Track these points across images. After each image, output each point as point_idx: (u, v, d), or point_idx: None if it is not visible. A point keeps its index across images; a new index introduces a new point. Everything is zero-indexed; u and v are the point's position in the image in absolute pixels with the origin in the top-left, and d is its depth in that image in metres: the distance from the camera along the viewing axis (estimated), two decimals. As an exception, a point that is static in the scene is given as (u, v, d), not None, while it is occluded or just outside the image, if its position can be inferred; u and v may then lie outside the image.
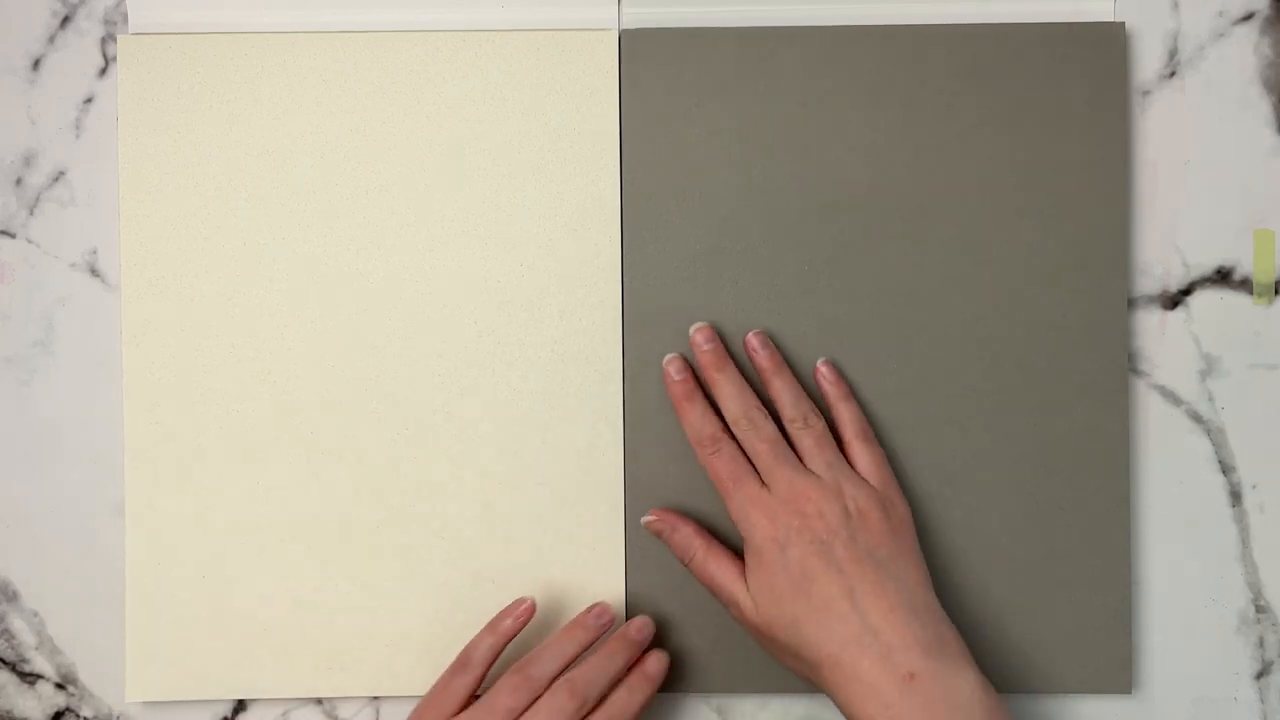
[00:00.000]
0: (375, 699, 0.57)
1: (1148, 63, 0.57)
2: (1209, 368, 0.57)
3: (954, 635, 0.50)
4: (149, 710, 0.57)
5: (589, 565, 0.56)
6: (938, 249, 0.56)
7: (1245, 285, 0.57)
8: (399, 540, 0.56)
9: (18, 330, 0.57)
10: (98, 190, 0.57)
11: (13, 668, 0.57)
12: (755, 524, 0.51)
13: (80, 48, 0.57)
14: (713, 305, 0.56)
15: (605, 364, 0.56)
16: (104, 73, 0.57)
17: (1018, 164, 0.56)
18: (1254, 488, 0.57)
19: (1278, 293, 0.57)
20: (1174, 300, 0.57)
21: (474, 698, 0.52)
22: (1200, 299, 0.57)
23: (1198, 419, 0.57)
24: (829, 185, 0.56)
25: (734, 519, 0.52)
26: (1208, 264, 0.57)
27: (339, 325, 0.56)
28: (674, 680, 0.56)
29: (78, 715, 0.57)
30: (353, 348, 0.56)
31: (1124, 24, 0.56)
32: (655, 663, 0.54)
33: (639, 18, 0.57)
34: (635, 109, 0.56)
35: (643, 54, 0.56)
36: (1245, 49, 0.57)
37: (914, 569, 0.51)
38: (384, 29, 0.56)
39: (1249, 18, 0.57)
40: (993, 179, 0.56)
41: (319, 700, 0.57)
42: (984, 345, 0.56)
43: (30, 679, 0.57)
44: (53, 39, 0.57)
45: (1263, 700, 0.57)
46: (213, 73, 0.56)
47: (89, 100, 0.57)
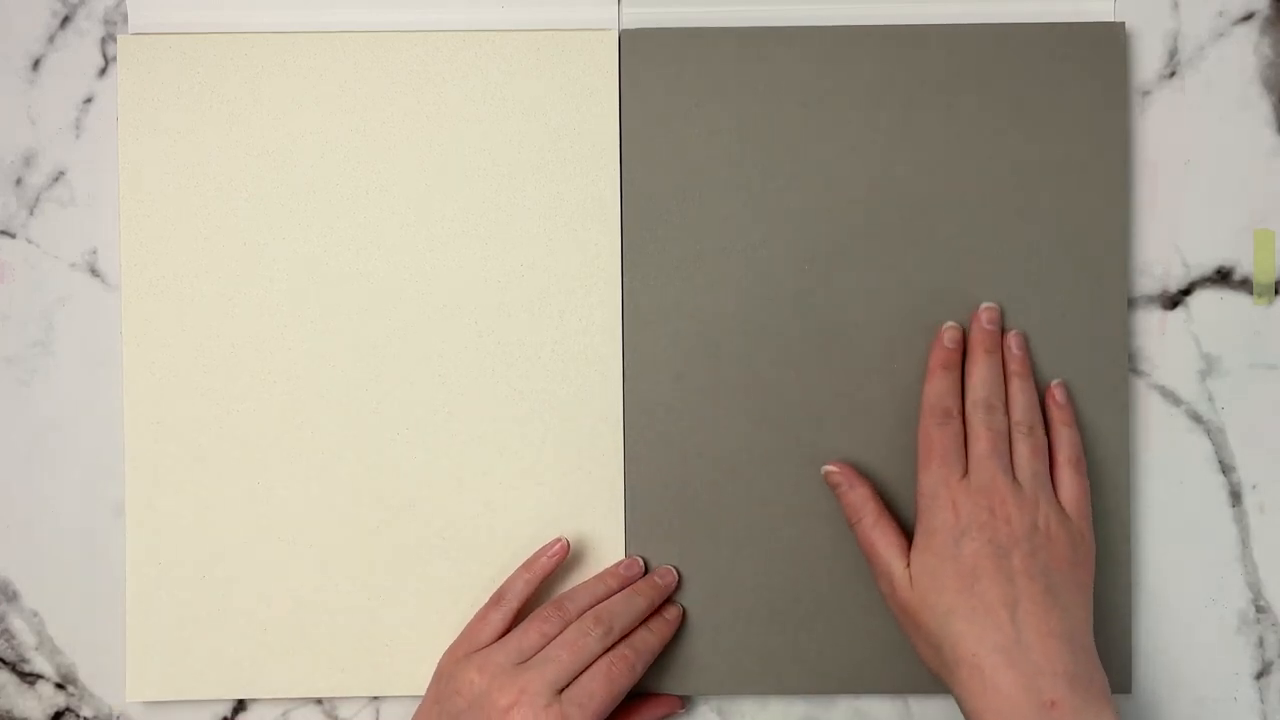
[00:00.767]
0: (375, 699, 0.57)
1: (1148, 63, 0.57)
2: (1209, 368, 0.57)
3: (1103, 679, 0.49)
4: (149, 710, 0.57)
5: (589, 565, 0.56)
6: (937, 249, 0.56)
7: (1245, 285, 0.57)
8: (399, 540, 0.56)
9: (18, 330, 0.57)
10: (98, 190, 0.57)
11: (13, 668, 0.57)
12: (941, 506, 0.51)
13: (80, 48, 0.57)
14: (713, 305, 0.56)
15: (605, 364, 0.56)
16: (104, 73, 0.57)
17: (1018, 164, 0.56)
18: (1254, 488, 0.57)
19: (1278, 293, 0.57)
20: (1174, 300, 0.57)
21: (507, 632, 0.53)
22: (1200, 299, 0.57)
23: (1198, 419, 0.57)
24: (829, 185, 0.56)
25: (920, 493, 0.52)
26: (1208, 264, 0.57)
27: (339, 325, 0.56)
28: (674, 681, 0.56)
29: (78, 715, 0.57)
30: (353, 347, 0.56)
31: (1124, 24, 0.56)
32: (674, 609, 0.55)
33: (639, 18, 0.57)
34: (635, 109, 0.56)
35: (643, 54, 0.56)
36: (1245, 49, 0.57)
37: (1082, 607, 0.50)
38: (384, 29, 0.56)
39: (1249, 18, 0.57)
40: (993, 179, 0.56)
41: (319, 700, 0.57)
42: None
43: (30, 679, 0.57)
44: (53, 39, 0.57)
45: (1263, 700, 0.57)
46: (213, 73, 0.56)
47: (89, 100, 0.57)
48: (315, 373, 0.56)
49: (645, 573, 0.56)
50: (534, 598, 0.55)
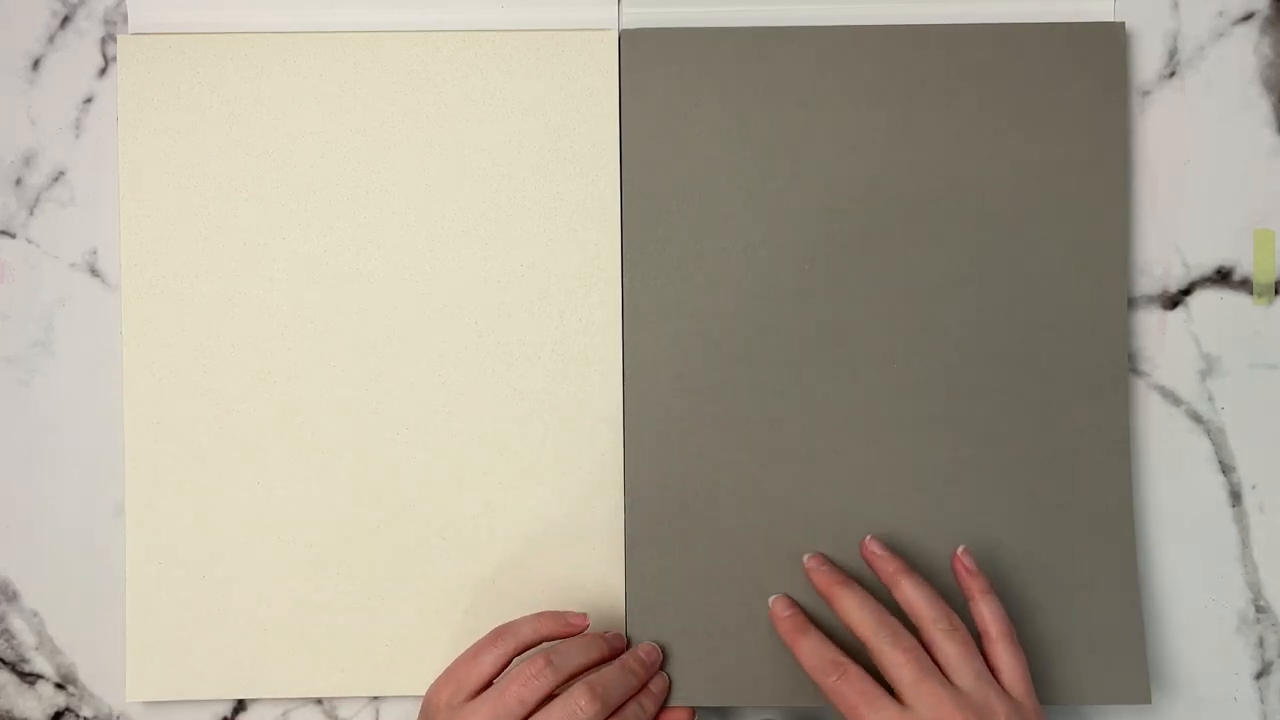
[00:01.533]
0: (375, 699, 0.57)
1: (1148, 63, 0.57)
2: (1209, 368, 0.57)
3: None
4: (149, 710, 0.57)
5: (589, 565, 0.56)
6: (937, 249, 0.56)
7: (1245, 285, 0.57)
8: (399, 540, 0.56)
9: (18, 330, 0.57)
10: (98, 190, 0.57)
11: (13, 668, 0.57)
12: None
13: (80, 48, 0.57)
14: (713, 305, 0.56)
15: (605, 364, 0.56)
16: (104, 73, 0.57)
17: (1018, 164, 0.56)
18: (1254, 488, 0.57)
19: (1278, 293, 0.57)
20: (1174, 300, 0.57)
21: (497, 674, 0.51)
22: (1200, 299, 0.57)
23: (1198, 419, 0.57)
24: (829, 185, 0.56)
25: None
26: (1208, 264, 0.57)
27: (339, 325, 0.56)
28: (674, 690, 0.55)
29: (78, 715, 0.57)
30: (353, 347, 0.56)
31: (1124, 24, 0.56)
32: (660, 683, 0.54)
33: (639, 18, 0.57)
34: (635, 109, 0.56)
35: (643, 54, 0.56)
36: (1245, 49, 0.57)
37: None
38: (384, 29, 0.56)
39: (1249, 18, 0.57)
40: (992, 179, 0.56)
41: (319, 700, 0.57)
42: (984, 345, 0.56)
43: (30, 679, 0.57)
44: (53, 39, 0.57)
45: (1263, 700, 0.57)
46: (213, 73, 0.56)
47: (89, 100, 0.57)
48: (315, 373, 0.56)
49: (626, 646, 0.54)
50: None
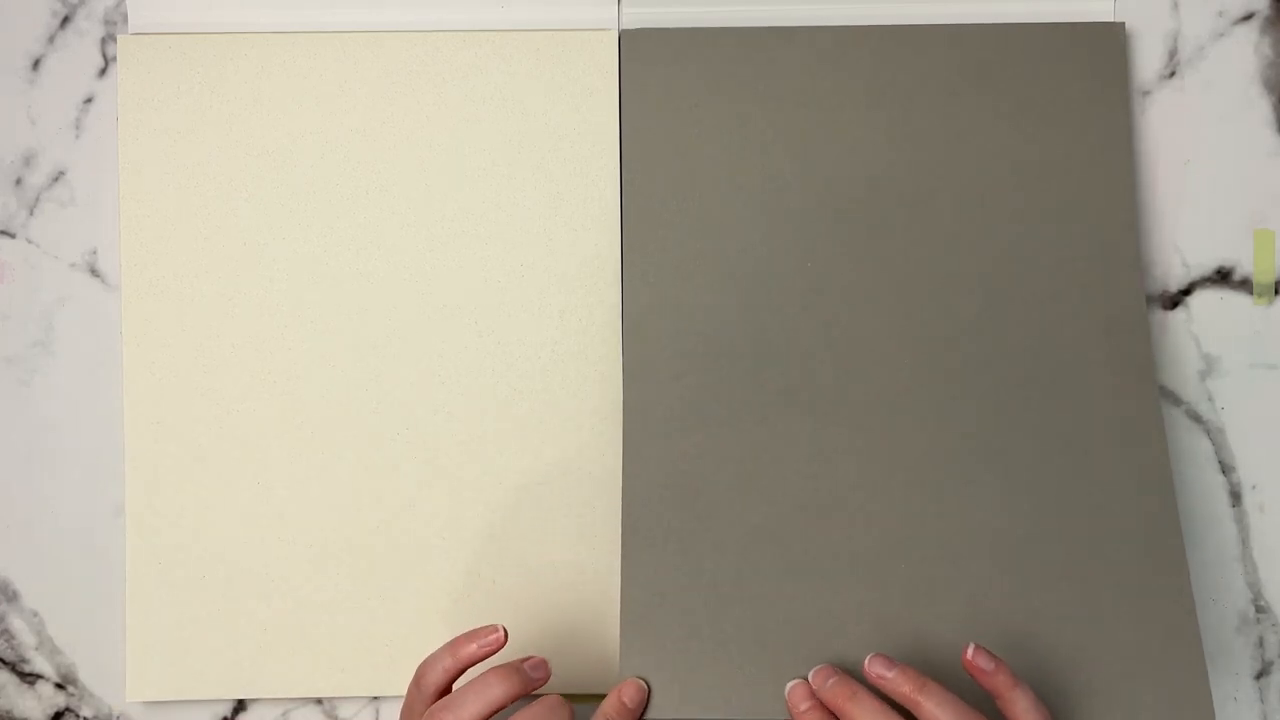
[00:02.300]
0: (375, 699, 0.57)
1: (1148, 63, 0.57)
2: (1209, 368, 0.57)
3: None
4: (149, 710, 0.57)
5: (589, 565, 0.56)
6: (938, 248, 0.56)
7: (1245, 285, 0.57)
8: (399, 540, 0.56)
9: (18, 330, 0.57)
10: (98, 190, 0.57)
11: (13, 668, 0.57)
12: None
13: (80, 48, 0.57)
14: (713, 305, 0.56)
15: (605, 364, 0.56)
16: (104, 73, 0.57)
17: (1018, 164, 0.56)
18: (1254, 488, 0.57)
19: (1278, 293, 0.57)
20: (1174, 300, 0.57)
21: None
22: (1200, 299, 0.57)
23: (1198, 419, 0.57)
24: (829, 185, 0.56)
25: None
26: (1208, 264, 0.57)
27: (339, 325, 0.56)
28: (663, 698, 0.55)
29: (78, 715, 0.57)
30: (353, 347, 0.56)
31: (1124, 24, 0.56)
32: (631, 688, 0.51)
33: (639, 18, 0.57)
34: (635, 109, 0.56)
35: (643, 54, 0.56)
36: (1245, 49, 0.57)
37: None
38: (384, 29, 0.56)
39: (1249, 18, 0.57)
40: (992, 179, 0.56)
41: (319, 700, 0.57)
42: (984, 344, 0.56)
43: (30, 679, 0.57)
44: (53, 39, 0.57)
45: (1263, 700, 0.57)
46: (213, 73, 0.56)
47: (89, 100, 0.57)
48: (315, 373, 0.56)
49: (548, 677, 0.50)
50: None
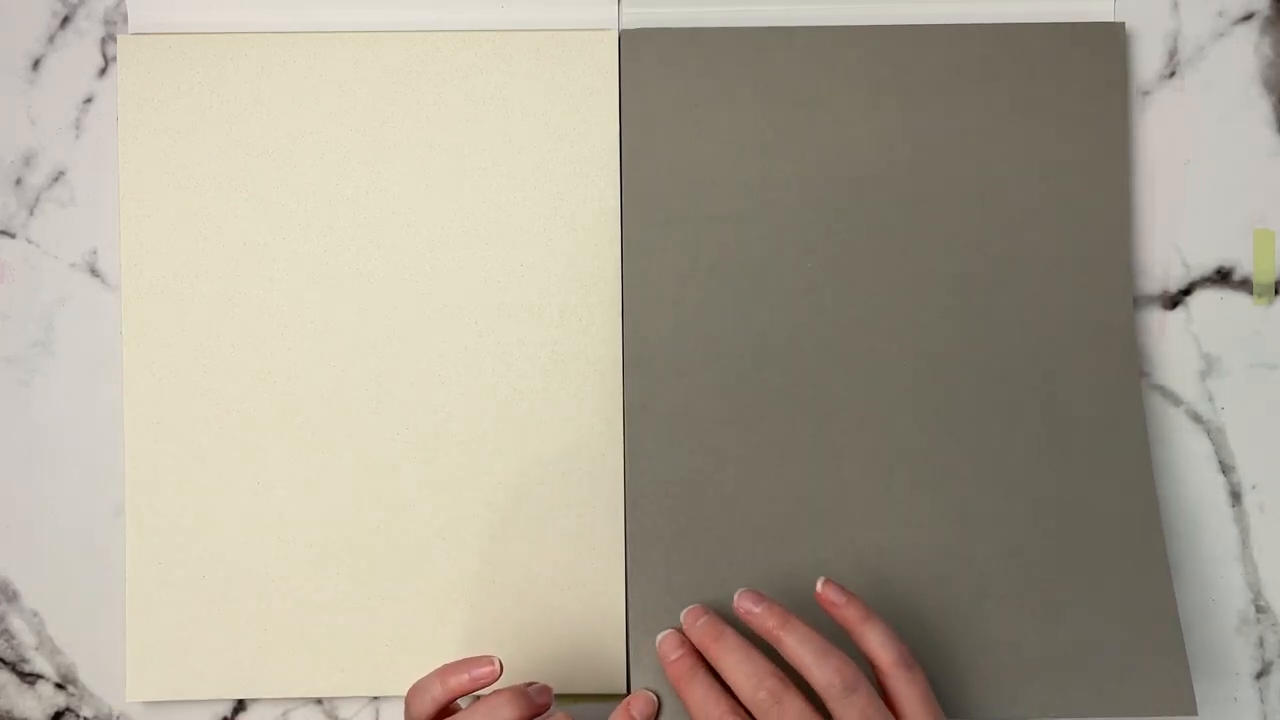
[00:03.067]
0: (375, 699, 0.57)
1: (1148, 63, 0.57)
2: (1209, 368, 0.57)
3: None
4: (149, 710, 0.57)
5: (589, 565, 0.56)
6: (938, 248, 0.56)
7: (1245, 285, 0.57)
8: (399, 540, 0.56)
9: (18, 330, 0.57)
10: (98, 190, 0.57)
11: (13, 668, 0.57)
12: None
13: (80, 48, 0.57)
14: (712, 305, 0.56)
15: (605, 364, 0.56)
16: (104, 73, 0.57)
17: (1018, 164, 0.56)
18: (1254, 488, 0.57)
19: (1278, 293, 0.57)
20: (1174, 300, 0.57)
21: None
22: (1200, 299, 0.57)
23: (1198, 419, 0.57)
24: (829, 185, 0.56)
25: None
26: (1208, 264, 0.57)
27: (339, 325, 0.56)
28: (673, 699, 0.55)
29: (78, 715, 0.57)
30: (353, 348, 0.56)
31: (1124, 24, 0.56)
32: None
33: (639, 18, 0.57)
34: (635, 109, 0.56)
35: (643, 54, 0.56)
36: (1245, 49, 0.57)
37: None
38: (384, 29, 0.56)
39: (1249, 18, 0.57)
40: (993, 179, 0.56)
41: (319, 700, 0.57)
42: (985, 344, 0.56)
43: (30, 679, 0.57)
44: (53, 39, 0.57)
45: (1263, 700, 0.57)
46: (213, 73, 0.56)
47: (89, 100, 0.57)
48: (315, 373, 0.56)
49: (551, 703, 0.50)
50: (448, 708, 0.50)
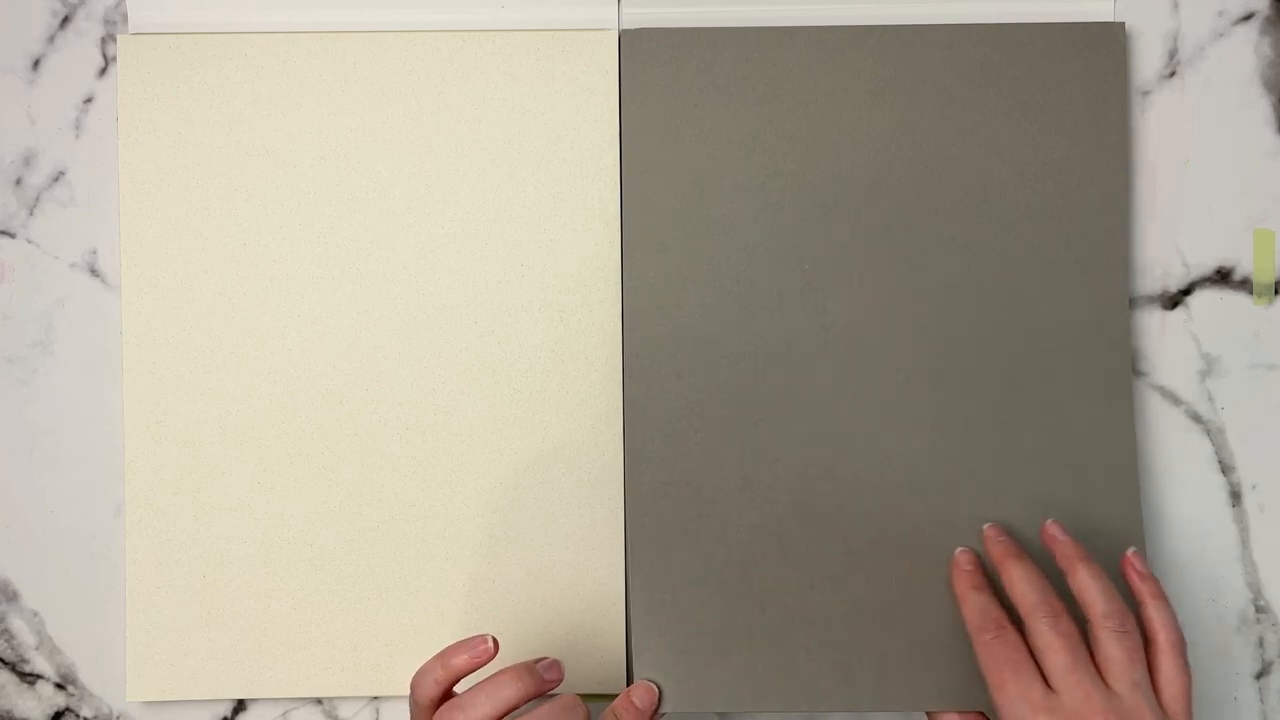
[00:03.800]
0: (375, 699, 0.57)
1: (1148, 63, 0.57)
2: (1209, 368, 0.57)
3: None
4: (149, 710, 0.57)
5: (589, 565, 0.56)
6: (938, 249, 0.56)
7: (1245, 285, 0.57)
8: (399, 540, 0.56)
9: (18, 330, 0.57)
10: (98, 190, 0.57)
11: (13, 668, 0.57)
12: None
13: (80, 48, 0.57)
14: (713, 305, 0.56)
15: (605, 364, 0.56)
16: (104, 73, 0.57)
17: (1018, 164, 0.56)
18: (1254, 488, 0.57)
19: (1278, 293, 0.57)
20: (1174, 300, 0.57)
21: None
22: (1200, 299, 0.57)
23: (1198, 419, 0.57)
24: (829, 185, 0.56)
25: (1001, 717, 0.47)
26: (1208, 264, 0.57)
27: (339, 325, 0.56)
28: (670, 693, 0.55)
29: (78, 715, 0.57)
30: (353, 348, 0.56)
31: (1124, 24, 0.56)
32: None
33: (639, 18, 0.57)
34: (635, 109, 0.56)
35: (643, 54, 0.56)
36: (1245, 49, 0.57)
37: None
38: (384, 29, 0.56)
39: (1249, 18, 0.57)
40: (993, 179, 0.56)
41: (319, 700, 0.57)
42: (985, 345, 0.56)
43: (30, 679, 0.57)
44: (53, 39, 0.57)
45: (1263, 700, 0.57)
46: (213, 73, 0.56)
47: (89, 100, 0.57)
48: (315, 373, 0.56)
49: (561, 679, 0.51)
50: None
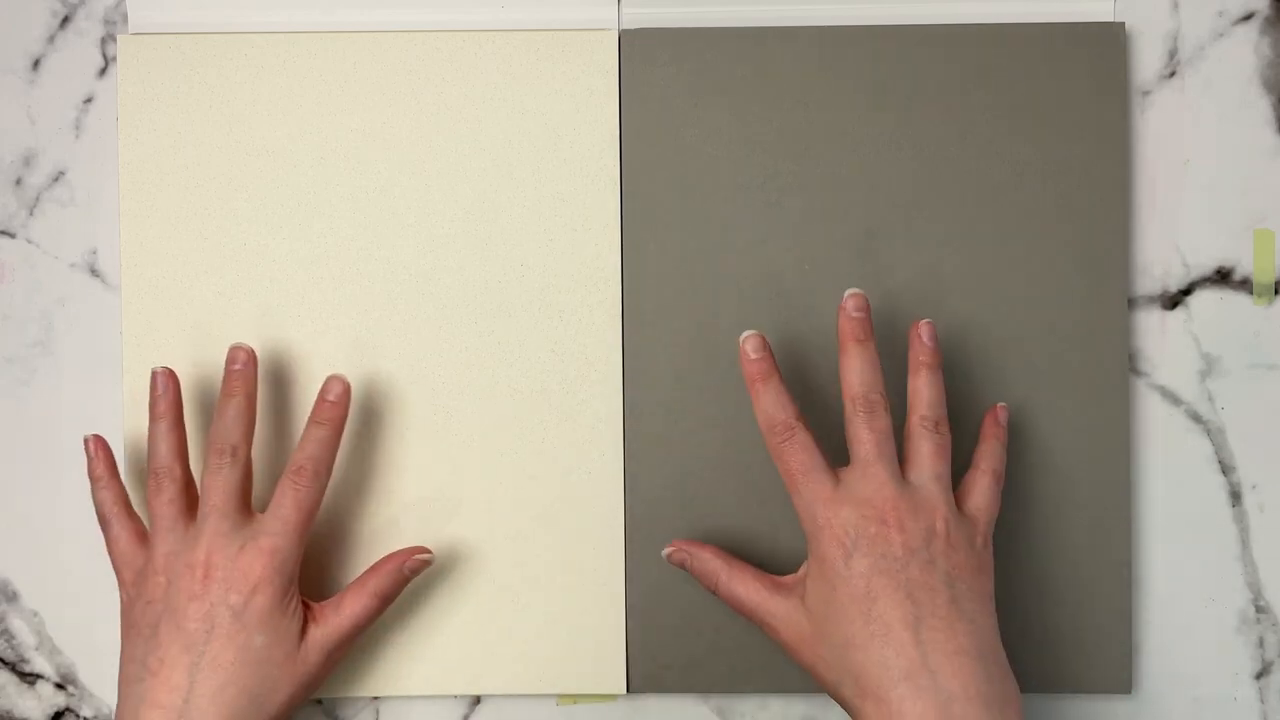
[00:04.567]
0: (375, 699, 0.57)
1: (1148, 63, 0.57)
2: (1209, 368, 0.57)
3: (1017, 695, 0.46)
4: (149, 710, 0.57)
5: (589, 565, 0.56)
6: (937, 249, 0.56)
7: (1245, 285, 0.57)
8: (399, 540, 0.56)
9: (18, 330, 0.57)
10: (98, 190, 0.57)
11: (13, 668, 0.57)
12: (822, 525, 0.47)
13: (80, 48, 0.57)
14: (713, 305, 0.56)
15: (605, 364, 0.56)
16: (104, 73, 0.57)
17: (1018, 164, 0.56)
18: (1254, 488, 0.57)
19: (1278, 293, 0.57)
20: (1174, 300, 0.57)
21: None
22: (1200, 299, 0.57)
23: (1198, 419, 0.57)
24: (829, 185, 0.56)
25: (800, 519, 0.48)
26: (1208, 264, 0.57)
27: (339, 325, 0.56)
28: (673, 679, 0.56)
29: (78, 715, 0.57)
30: (352, 348, 0.56)
31: (1124, 24, 0.56)
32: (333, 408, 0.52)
33: (639, 18, 0.57)
34: (635, 109, 0.56)
35: (643, 54, 0.56)
36: (1245, 49, 0.57)
37: (988, 616, 0.47)
38: (384, 29, 0.56)
39: (1249, 18, 0.57)
40: (992, 179, 0.56)
41: (319, 700, 0.57)
42: (985, 345, 0.56)
43: (30, 679, 0.57)
44: (53, 39, 0.57)
45: (1263, 700, 0.57)
46: (213, 73, 0.56)
47: (89, 100, 0.57)
48: (315, 373, 0.56)
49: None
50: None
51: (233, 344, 0.52)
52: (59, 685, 0.57)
